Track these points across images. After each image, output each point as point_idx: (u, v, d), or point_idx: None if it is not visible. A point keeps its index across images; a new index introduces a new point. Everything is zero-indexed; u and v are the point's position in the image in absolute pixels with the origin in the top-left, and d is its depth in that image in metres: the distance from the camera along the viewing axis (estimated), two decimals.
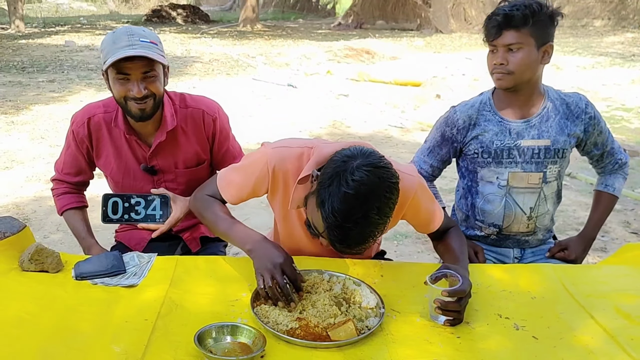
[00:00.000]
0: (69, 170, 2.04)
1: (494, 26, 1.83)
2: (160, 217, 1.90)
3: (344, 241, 1.34)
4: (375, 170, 1.31)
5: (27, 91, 8.46)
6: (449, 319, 1.42)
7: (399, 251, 3.58)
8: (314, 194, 1.38)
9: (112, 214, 1.89)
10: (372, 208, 1.29)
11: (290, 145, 1.62)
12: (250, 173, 1.64)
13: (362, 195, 1.28)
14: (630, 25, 17.58)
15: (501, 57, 1.84)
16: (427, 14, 18.92)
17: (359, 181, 1.28)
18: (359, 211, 1.28)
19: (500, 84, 1.89)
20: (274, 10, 28.44)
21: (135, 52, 1.70)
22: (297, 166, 1.57)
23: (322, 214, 1.32)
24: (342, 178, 1.29)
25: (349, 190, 1.28)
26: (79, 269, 1.62)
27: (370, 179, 1.29)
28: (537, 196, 1.96)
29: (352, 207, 1.28)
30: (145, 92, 1.78)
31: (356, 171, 1.30)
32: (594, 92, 8.62)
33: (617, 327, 1.45)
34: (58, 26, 19.05)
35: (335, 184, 1.30)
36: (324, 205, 1.31)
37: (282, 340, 1.33)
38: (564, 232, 3.70)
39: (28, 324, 1.38)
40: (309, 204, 1.42)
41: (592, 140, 2.00)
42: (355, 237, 1.32)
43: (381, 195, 1.31)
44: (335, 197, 1.29)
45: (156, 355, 1.27)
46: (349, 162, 1.32)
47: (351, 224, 1.29)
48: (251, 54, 12.86)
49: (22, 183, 4.67)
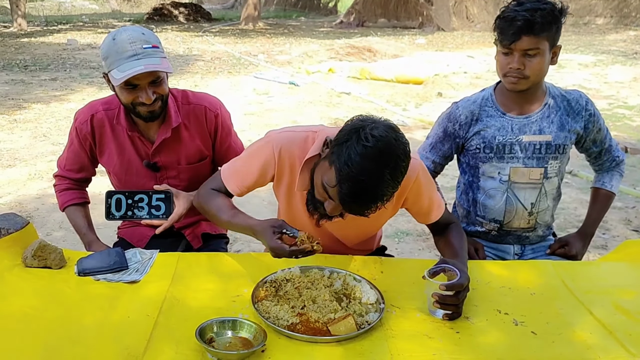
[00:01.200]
0: (71, 167, 2.05)
1: (513, 31, 1.76)
2: (163, 213, 1.91)
3: (354, 195, 1.35)
4: (392, 132, 1.36)
5: (30, 89, 8.48)
6: (448, 312, 1.43)
7: (400, 249, 3.59)
8: (325, 158, 1.42)
9: (115, 210, 1.90)
10: (387, 166, 1.33)
11: (296, 130, 1.66)
12: (256, 159, 1.66)
13: (379, 151, 1.32)
14: (633, 23, 17.54)
15: (517, 61, 1.80)
16: (429, 12, 18.89)
17: (377, 137, 1.32)
18: (374, 166, 1.31)
19: (514, 87, 1.86)
20: (275, 8, 28.45)
21: (144, 68, 1.71)
22: (303, 149, 1.60)
23: (337, 165, 1.34)
24: (362, 132, 1.33)
25: (368, 143, 1.31)
26: (81, 265, 1.64)
27: (388, 138, 1.34)
28: (538, 192, 1.97)
29: (369, 159, 1.31)
30: (154, 96, 1.80)
31: (375, 128, 1.34)
32: (596, 90, 8.62)
33: (615, 322, 1.46)
34: (60, 24, 19.07)
35: (355, 138, 1.33)
36: (340, 157, 1.34)
37: (283, 335, 1.34)
38: (565, 230, 3.70)
39: (31, 319, 1.39)
40: (319, 168, 1.45)
41: (591, 138, 2.00)
42: (366, 193, 1.34)
43: (396, 156, 1.34)
44: (353, 149, 1.32)
45: (158, 350, 1.28)
46: (367, 121, 1.38)
47: (365, 177, 1.32)
48: (253, 52, 12.86)
49: (24, 181, 4.69)
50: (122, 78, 1.71)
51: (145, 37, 1.77)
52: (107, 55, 1.76)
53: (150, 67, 1.72)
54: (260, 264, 1.68)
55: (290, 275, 1.58)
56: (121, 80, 1.71)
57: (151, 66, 1.73)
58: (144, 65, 1.72)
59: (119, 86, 1.76)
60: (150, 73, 1.75)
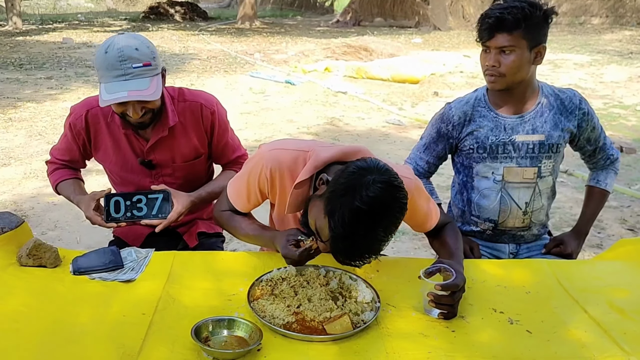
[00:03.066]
0: (62, 157, 2.09)
1: (485, 28, 1.83)
2: (162, 212, 1.90)
3: (348, 253, 1.35)
4: (389, 189, 1.30)
5: (25, 88, 8.44)
6: (443, 312, 1.44)
7: (396, 248, 3.59)
8: (321, 199, 1.37)
9: (114, 212, 1.89)
10: (381, 225, 1.30)
11: (286, 147, 1.62)
12: (252, 181, 1.65)
13: (373, 212, 1.28)
14: (628, 23, 17.59)
15: (493, 58, 1.84)
16: (425, 11, 18.90)
17: (373, 197, 1.27)
18: (367, 226, 1.28)
19: (493, 86, 1.91)
20: (272, 7, 28.40)
21: (127, 95, 1.71)
22: (293, 169, 1.58)
23: (331, 223, 1.31)
24: (357, 191, 1.28)
25: (363, 205, 1.26)
26: (76, 264, 1.63)
27: (385, 197, 1.29)
28: (532, 191, 1.98)
29: (361, 221, 1.28)
30: (142, 112, 1.80)
31: (372, 186, 1.28)
32: (592, 90, 8.64)
33: (610, 321, 1.46)
34: (56, 23, 18.99)
35: (350, 196, 1.28)
36: (333, 215, 1.30)
37: (278, 334, 1.34)
38: (560, 229, 3.71)
39: (26, 318, 1.39)
40: (314, 207, 1.42)
41: (585, 136, 2.01)
42: (359, 250, 1.34)
43: (392, 215, 1.32)
44: (347, 209, 1.28)
45: (153, 348, 1.28)
46: (364, 176, 1.31)
47: (357, 238, 1.30)
48: (249, 51, 12.85)
49: (19, 180, 4.67)
50: (106, 102, 1.72)
51: (138, 53, 1.73)
52: (99, 68, 1.76)
53: (134, 94, 1.72)
54: (256, 262, 1.68)
55: (286, 274, 1.57)
56: (106, 103, 1.72)
57: (135, 93, 1.72)
58: (129, 92, 1.71)
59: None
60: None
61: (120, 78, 1.71)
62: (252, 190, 1.67)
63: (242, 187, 1.70)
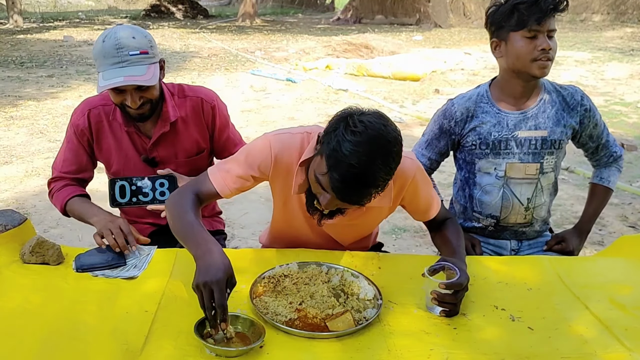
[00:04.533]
0: (69, 168, 1.99)
1: (544, 8, 1.76)
2: (168, 197, 1.88)
3: (345, 181, 1.31)
4: (381, 119, 1.34)
5: (26, 86, 8.45)
6: (445, 310, 1.44)
7: (397, 245, 3.60)
8: (318, 152, 1.40)
9: (119, 197, 1.88)
10: (378, 151, 1.30)
11: (291, 132, 1.64)
12: (252, 160, 1.60)
13: (369, 136, 1.29)
14: (629, 20, 17.55)
15: (546, 42, 1.79)
16: (426, 8, 18.88)
17: (365, 123, 1.31)
18: (364, 151, 1.29)
19: (544, 72, 1.84)
20: (272, 5, 28.38)
21: (123, 80, 1.71)
22: (299, 151, 1.59)
23: (326, 153, 1.32)
24: (350, 119, 1.32)
25: (356, 128, 1.30)
26: (79, 261, 1.64)
27: (377, 124, 1.32)
28: (534, 187, 1.98)
29: (358, 145, 1.29)
30: (140, 101, 1.80)
31: (363, 115, 1.34)
32: (593, 87, 8.63)
33: (611, 317, 1.47)
34: (56, 21, 18.99)
35: (342, 125, 1.32)
36: (329, 145, 1.32)
37: (281, 331, 1.35)
38: (562, 226, 3.71)
39: (30, 315, 1.39)
40: (312, 164, 1.43)
41: (587, 133, 2.01)
42: (357, 178, 1.31)
43: (387, 141, 1.32)
44: (341, 135, 1.30)
45: (157, 345, 1.29)
46: (355, 110, 1.37)
47: (355, 162, 1.28)
48: (250, 49, 12.85)
49: (21, 178, 4.68)
50: (103, 87, 1.73)
51: (135, 41, 1.75)
52: (96, 57, 1.77)
53: (130, 79, 1.73)
54: (259, 259, 1.69)
55: (289, 271, 1.58)
56: (102, 88, 1.73)
57: (131, 78, 1.73)
58: (124, 76, 1.72)
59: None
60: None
61: (116, 65, 1.73)
62: (248, 171, 1.60)
63: (235, 168, 1.61)
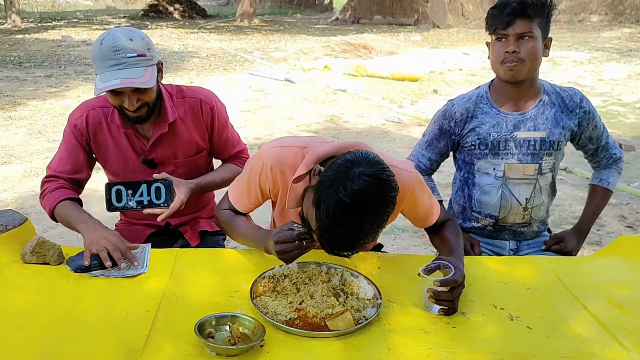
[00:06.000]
0: (64, 168, 1.95)
1: (508, 13, 1.82)
2: (165, 201, 1.87)
3: (333, 244, 1.34)
4: (376, 182, 1.28)
5: (24, 86, 8.44)
6: (443, 308, 1.45)
7: (396, 245, 3.61)
8: (312, 190, 1.38)
9: (116, 202, 1.88)
10: (366, 219, 1.29)
11: (285, 145, 1.64)
12: (253, 180, 1.67)
13: (358, 205, 1.27)
14: (627, 21, 17.59)
15: (513, 44, 1.83)
16: (424, 9, 18.89)
17: (357, 190, 1.26)
18: (352, 219, 1.28)
19: (512, 75, 1.87)
20: (271, 5, 28.36)
21: (120, 82, 1.72)
22: (292, 165, 1.59)
23: (317, 214, 1.32)
24: (342, 183, 1.27)
25: (346, 198, 1.26)
26: (74, 263, 1.63)
27: (369, 190, 1.27)
28: (532, 187, 1.99)
29: (345, 214, 1.27)
30: (138, 104, 1.81)
31: (357, 179, 1.27)
32: (591, 87, 8.65)
33: (609, 317, 1.48)
34: (55, 21, 18.95)
35: (334, 188, 1.28)
36: (319, 206, 1.30)
37: (281, 330, 1.35)
38: (560, 226, 3.73)
39: (31, 315, 1.40)
40: (307, 198, 1.42)
41: (586, 134, 2.02)
42: (345, 243, 1.33)
43: (377, 209, 1.30)
44: (331, 201, 1.27)
45: (157, 345, 1.29)
46: (351, 169, 1.29)
47: (342, 230, 1.29)
48: (248, 49, 12.84)
49: (20, 178, 4.68)
50: (99, 90, 1.74)
51: (132, 44, 1.75)
52: (94, 59, 1.78)
53: (126, 81, 1.73)
54: (258, 259, 1.69)
55: (288, 271, 1.58)
56: (100, 91, 1.74)
57: (128, 80, 1.73)
58: (121, 79, 1.72)
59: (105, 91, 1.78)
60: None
61: (114, 67, 1.73)
62: (253, 189, 1.68)
63: (243, 187, 1.72)
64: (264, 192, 1.69)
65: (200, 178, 2.01)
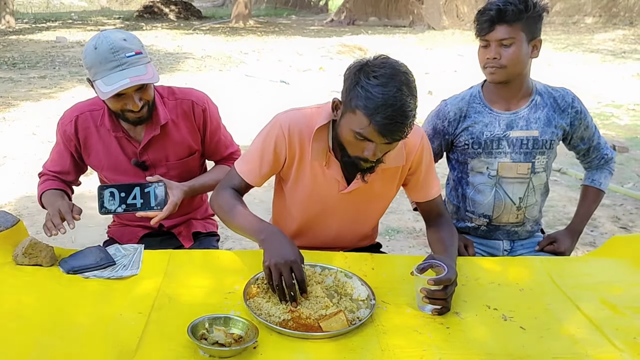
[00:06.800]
0: (54, 168, 2.01)
1: (486, 20, 1.85)
2: (158, 204, 1.86)
3: (389, 119, 1.42)
4: (387, 57, 1.49)
5: (18, 87, 8.41)
6: (437, 307, 1.45)
7: (390, 246, 3.61)
8: (344, 113, 1.52)
9: (108, 204, 1.87)
10: (401, 82, 1.43)
11: (300, 109, 1.74)
12: (268, 145, 1.70)
13: (388, 75, 1.43)
14: (621, 23, 17.66)
15: (494, 51, 1.86)
16: (419, 10, 18.93)
17: (380, 65, 1.46)
18: (391, 86, 1.42)
19: (493, 78, 1.92)
20: (266, 6, 28.39)
21: (129, 82, 1.71)
22: (309, 125, 1.67)
23: (362, 103, 1.44)
24: (365, 68, 1.46)
25: (376, 73, 1.44)
26: (67, 264, 1.63)
27: (388, 63, 1.47)
28: (526, 186, 2.00)
29: (385, 85, 1.42)
30: (141, 103, 1.80)
31: (374, 60, 1.48)
32: (585, 89, 8.67)
33: (602, 317, 1.48)
34: (49, 22, 18.89)
35: (363, 76, 1.45)
36: (360, 97, 1.44)
37: (274, 332, 1.35)
38: (554, 227, 3.74)
39: (23, 317, 1.39)
40: (343, 126, 1.53)
41: (578, 135, 2.03)
42: (397, 113, 1.42)
43: (403, 72, 1.46)
44: (367, 84, 1.43)
45: (150, 346, 1.29)
46: (362, 61, 1.50)
47: (391, 101, 1.41)
48: (243, 50, 12.84)
49: (14, 179, 4.66)
50: (110, 92, 1.71)
51: (127, 43, 1.74)
52: (91, 65, 1.75)
53: (135, 79, 1.72)
54: (252, 261, 1.68)
55: None
56: (109, 94, 1.71)
57: (136, 78, 1.72)
58: (130, 78, 1.71)
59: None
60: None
61: (117, 69, 1.71)
62: (267, 156, 1.71)
63: (255, 155, 1.73)
64: (278, 159, 1.72)
65: (193, 180, 1.99)
